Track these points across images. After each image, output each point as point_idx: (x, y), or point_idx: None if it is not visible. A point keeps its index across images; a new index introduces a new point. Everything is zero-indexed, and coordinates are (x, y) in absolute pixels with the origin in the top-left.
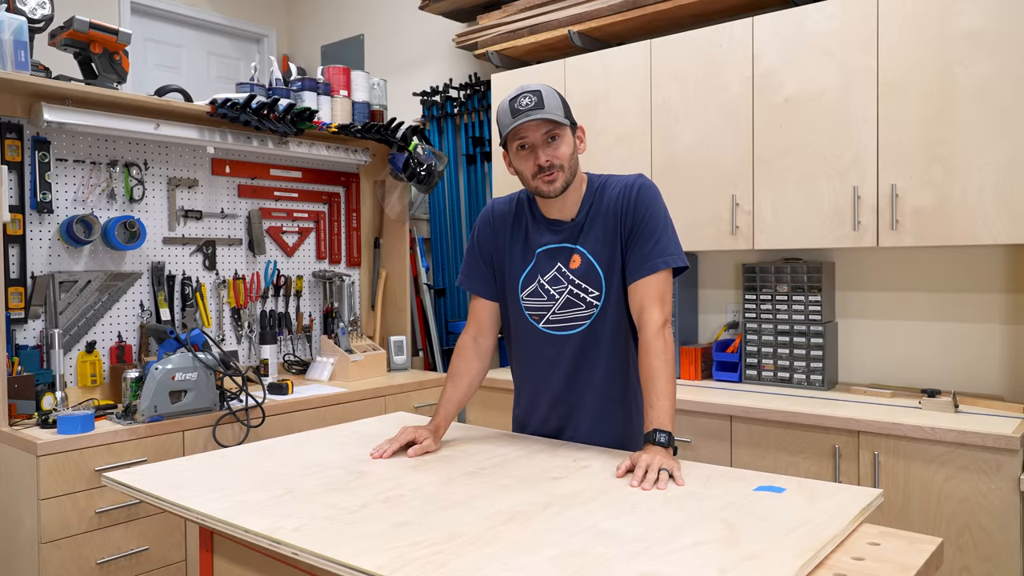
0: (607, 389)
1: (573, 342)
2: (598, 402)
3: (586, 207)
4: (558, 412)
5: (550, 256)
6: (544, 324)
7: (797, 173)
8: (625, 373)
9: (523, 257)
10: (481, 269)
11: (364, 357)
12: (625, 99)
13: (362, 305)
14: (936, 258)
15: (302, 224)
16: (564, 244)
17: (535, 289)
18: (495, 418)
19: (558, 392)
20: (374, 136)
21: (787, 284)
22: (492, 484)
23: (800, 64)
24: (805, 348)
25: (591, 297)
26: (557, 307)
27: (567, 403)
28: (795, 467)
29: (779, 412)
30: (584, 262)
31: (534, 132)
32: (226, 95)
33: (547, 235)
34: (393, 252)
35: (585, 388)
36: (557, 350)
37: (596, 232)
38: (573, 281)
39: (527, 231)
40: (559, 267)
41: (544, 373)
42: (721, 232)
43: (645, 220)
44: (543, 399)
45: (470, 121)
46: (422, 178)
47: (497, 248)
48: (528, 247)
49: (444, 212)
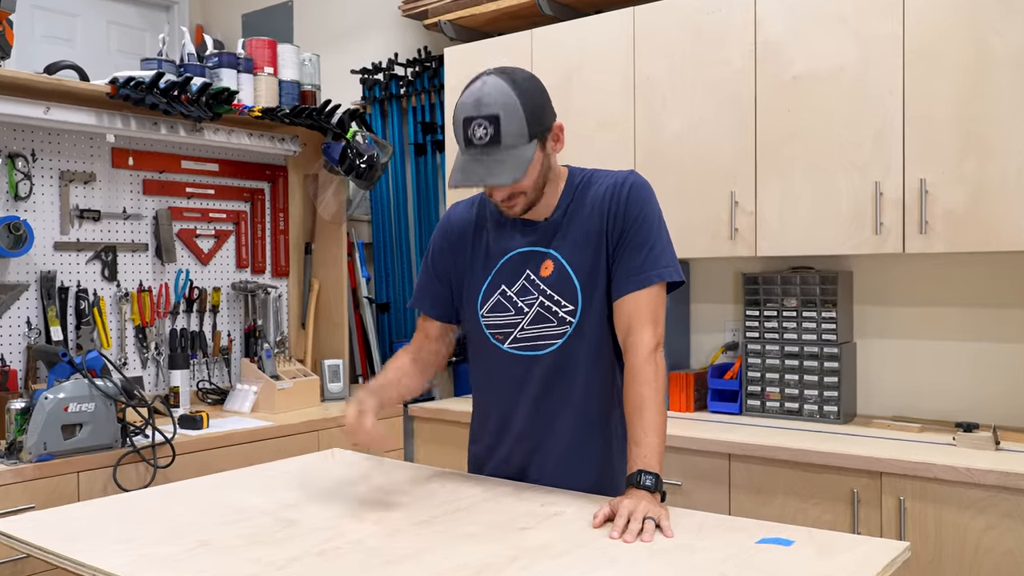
0: (583, 422)
1: (542, 365)
2: (572, 438)
3: (564, 205)
4: (523, 448)
5: (518, 262)
6: (510, 344)
7: (808, 165)
8: (606, 404)
9: (484, 267)
10: (434, 288)
11: (293, 384)
12: (603, 77)
13: (291, 323)
14: (973, 267)
15: (220, 226)
16: (535, 248)
17: (498, 302)
18: (448, 456)
19: (524, 425)
20: (305, 122)
21: (796, 298)
22: (446, 535)
23: (811, 35)
24: (817, 374)
25: (564, 311)
26: (526, 322)
27: (533, 438)
28: (805, 515)
29: (786, 450)
30: (557, 269)
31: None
32: (129, 73)
33: (517, 237)
34: (328, 259)
35: (556, 420)
36: (523, 374)
37: (575, 234)
38: (544, 292)
39: (492, 235)
40: (528, 275)
41: (508, 401)
42: (717, 236)
43: (637, 224)
44: (506, 433)
45: (419, 104)
46: (362, 171)
47: (456, 265)
48: (491, 255)
49: (388, 212)
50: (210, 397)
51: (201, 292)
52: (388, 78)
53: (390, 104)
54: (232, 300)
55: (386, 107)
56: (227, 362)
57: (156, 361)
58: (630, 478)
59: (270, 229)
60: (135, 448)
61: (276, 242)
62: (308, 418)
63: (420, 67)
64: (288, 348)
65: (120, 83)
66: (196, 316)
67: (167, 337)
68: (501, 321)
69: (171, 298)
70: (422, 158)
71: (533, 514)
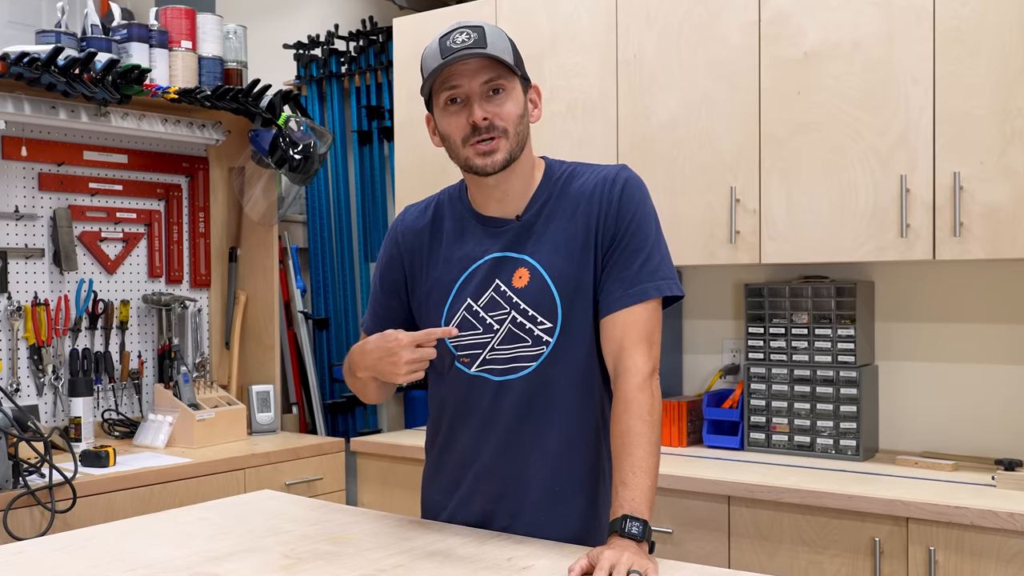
0: (562, 461)
1: (513, 392)
2: (548, 480)
3: (540, 201)
4: (488, 491)
5: (486, 272)
6: (478, 367)
7: (821, 157)
8: (590, 441)
9: (446, 278)
10: (385, 307)
11: (215, 414)
12: (581, 54)
13: (213, 342)
14: (1017, 276)
15: (129, 228)
16: (507, 253)
17: (464, 319)
18: (398, 499)
19: (488, 462)
20: (229, 105)
21: (807, 312)
22: None
23: (825, 4)
24: (832, 402)
25: (540, 329)
26: (497, 342)
27: (500, 478)
28: (819, 568)
29: (796, 491)
30: (534, 278)
31: (471, 79)
32: (22, 48)
33: (484, 241)
34: (256, 267)
35: (529, 458)
36: (491, 403)
37: (554, 237)
38: (518, 306)
39: (453, 241)
40: (497, 286)
41: (472, 435)
42: (715, 239)
43: (631, 230)
44: (468, 471)
45: (363, 84)
46: (296, 164)
47: (411, 276)
48: (452, 264)
49: (327, 212)
50: (117, 429)
51: (107, 306)
52: (327, 54)
53: (329, 84)
54: (144, 315)
55: (325, 88)
56: (137, 388)
57: (54, 387)
58: (614, 524)
59: (188, 232)
60: (29, 489)
61: (195, 247)
62: (232, 454)
63: (364, 41)
64: (209, 372)
65: (11, 60)
66: (101, 334)
67: (67, 359)
68: (468, 341)
69: (71, 313)
70: (367, 148)
71: (498, 568)
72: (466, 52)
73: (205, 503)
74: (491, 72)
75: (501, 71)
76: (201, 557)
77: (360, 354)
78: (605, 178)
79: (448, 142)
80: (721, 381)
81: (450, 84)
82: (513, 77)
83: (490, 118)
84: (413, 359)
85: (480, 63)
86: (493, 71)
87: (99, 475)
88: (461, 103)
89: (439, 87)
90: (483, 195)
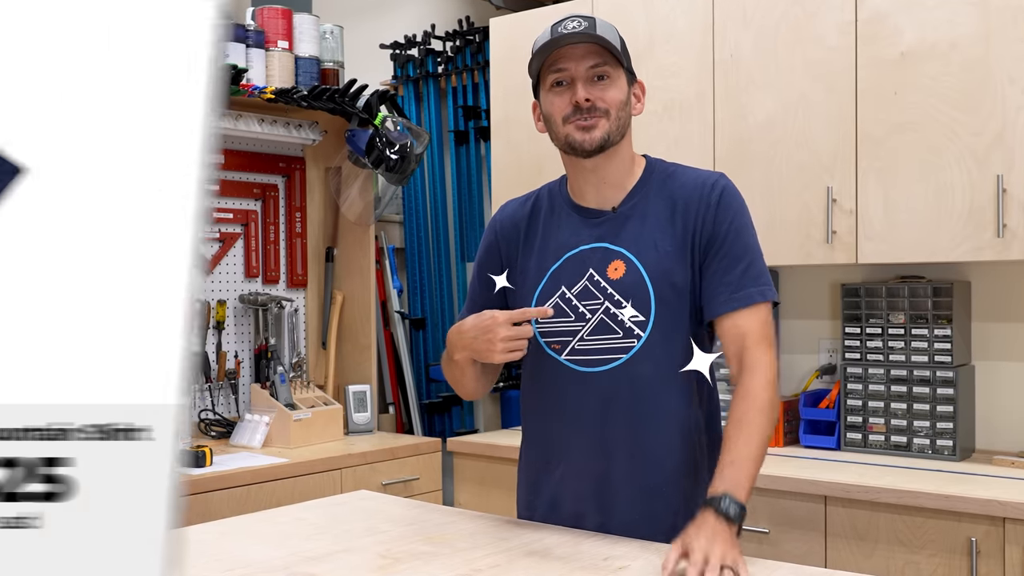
0: (654, 459)
1: (602, 383)
2: (641, 477)
3: (637, 196)
4: (580, 488)
5: (580, 260)
6: (568, 355)
7: (918, 157)
8: (685, 439)
9: (540, 265)
10: (484, 296)
11: (312, 414)
12: (677, 54)
13: (309, 342)
14: None
15: (225, 228)
16: (602, 244)
17: (556, 306)
18: (494, 499)
19: (581, 459)
20: (326, 105)
21: (904, 312)
22: None
23: (921, 4)
24: (929, 402)
25: (632, 322)
26: (587, 331)
27: (593, 475)
28: (915, 568)
29: (893, 491)
30: (630, 272)
31: (578, 63)
32: None
33: (580, 231)
34: (352, 267)
35: (619, 454)
36: (582, 394)
37: (651, 233)
38: (612, 297)
39: (548, 230)
40: (591, 275)
41: (563, 428)
42: (812, 240)
43: (731, 236)
44: (560, 469)
45: (460, 84)
46: (393, 164)
47: (507, 263)
48: (548, 252)
49: (424, 211)
50: (214, 430)
51: (204, 306)
52: (423, 54)
53: (426, 84)
54: (240, 315)
55: (421, 88)
56: (234, 388)
57: None
58: (712, 499)
59: (285, 232)
60: None
61: (292, 247)
62: (329, 454)
63: (461, 41)
64: (306, 372)
65: None
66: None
67: None
68: (558, 328)
69: None
70: (463, 148)
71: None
72: (575, 35)
73: (302, 503)
74: (598, 58)
75: (607, 58)
76: (298, 557)
77: (457, 334)
78: (704, 182)
79: (550, 122)
80: (818, 381)
81: (557, 67)
82: (619, 67)
83: (592, 100)
84: (509, 335)
85: (588, 48)
86: (600, 57)
87: (196, 475)
88: (566, 85)
89: (547, 69)
90: (581, 182)
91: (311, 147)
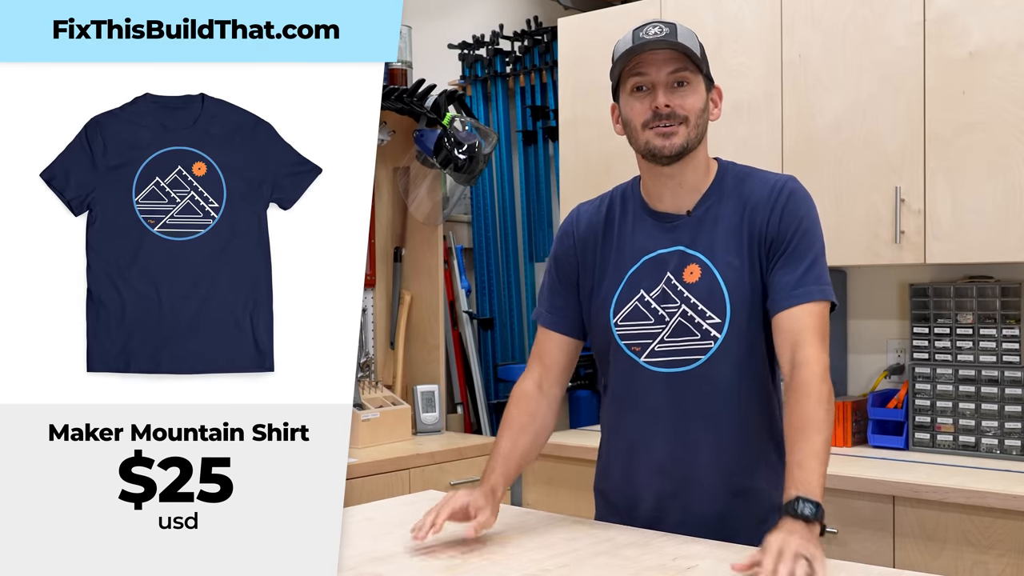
0: (731, 459)
1: (682, 384)
2: (719, 477)
3: (711, 200)
4: (660, 487)
5: (657, 264)
6: (647, 358)
7: (986, 157)
8: (764, 438)
9: (618, 269)
10: (559, 296)
11: (380, 414)
12: (745, 54)
13: (377, 342)
14: None
15: None
16: (678, 248)
17: (635, 309)
18: (562, 499)
19: (661, 457)
20: (394, 105)
21: (972, 313)
22: None
23: (990, 4)
24: (997, 402)
25: (709, 323)
26: (666, 334)
27: (673, 475)
28: (984, 569)
29: (961, 491)
30: (705, 275)
31: (658, 68)
32: None
33: (655, 236)
34: (420, 267)
35: (699, 454)
36: (661, 394)
37: (724, 236)
38: (688, 300)
39: (624, 233)
40: (669, 279)
41: (643, 428)
42: (879, 240)
43: (798, 236)
44: (640, 467)
45: (528, 84)
46: (461, 164)
47: (583, 266)
48: (625, 256)
49: (492, 211)
50: None
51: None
52: (492, 54)
53: (494, 84)
54: None
55: (489, 88)
56: None
57: None
58: (787, 506)
59: None
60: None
61: None
62: (397, 454)
63: (530, 41)
64: (374, 372)
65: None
66: None
67: None
68: (638, 331)
69: None
70: (531, 148)
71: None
72: (657, 42)
73: (370, 503)
74: (678, 64)
75: (688, 64)
76: (365, 557)
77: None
78: (774, 185)
79: (629, 127)
80: (886, 381)
81: (638, 71)
82: (698, 73)
83: (672, 107)
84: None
85: (668, 54)
86: (680, 63)
87: None
88: (647, 91)
89: (627, 74)
90: (658, 186)
91: (379, 147)
